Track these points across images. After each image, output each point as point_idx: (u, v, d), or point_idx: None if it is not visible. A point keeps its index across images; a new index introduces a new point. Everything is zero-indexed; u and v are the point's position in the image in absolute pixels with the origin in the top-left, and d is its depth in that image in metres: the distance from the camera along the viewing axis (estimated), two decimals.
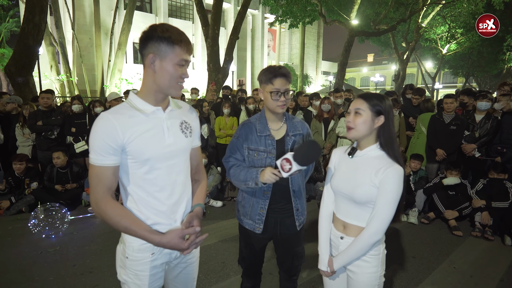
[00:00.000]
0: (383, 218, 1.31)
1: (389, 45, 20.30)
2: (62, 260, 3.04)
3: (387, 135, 1.37)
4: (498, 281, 2.78)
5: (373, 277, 1.40)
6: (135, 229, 1.15)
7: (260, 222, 1.76)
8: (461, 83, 27.85)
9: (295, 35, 28.68)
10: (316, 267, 1.46)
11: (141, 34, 1.16)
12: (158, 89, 1.19)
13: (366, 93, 1.41)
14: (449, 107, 4.29)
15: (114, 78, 13.63)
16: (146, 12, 19.51)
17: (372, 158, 1.38)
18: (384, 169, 1.31)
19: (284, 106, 1.68)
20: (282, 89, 1.63)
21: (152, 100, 1.20)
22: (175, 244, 1.17)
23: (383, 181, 1.30)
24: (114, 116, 1.14)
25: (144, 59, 1.17)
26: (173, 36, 1.13)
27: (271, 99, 1.66)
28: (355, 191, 1.37)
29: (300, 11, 13.87)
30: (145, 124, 1.17)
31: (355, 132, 1.38)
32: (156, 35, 1.12)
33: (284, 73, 1.63)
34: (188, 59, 1.19)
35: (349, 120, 1.39)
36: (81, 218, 4.07)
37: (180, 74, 1.18)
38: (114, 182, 1.17)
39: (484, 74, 23.13)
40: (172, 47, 1.13)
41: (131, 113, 1.17)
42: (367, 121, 1.35)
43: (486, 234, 3.59)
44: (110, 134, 1.11)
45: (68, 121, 4.75)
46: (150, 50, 1.14)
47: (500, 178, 3.86)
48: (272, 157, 1.72)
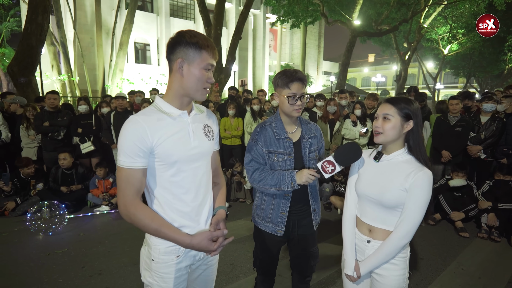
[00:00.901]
0: (413, 221, 1.32)
1: (390, 45, 20.31)
2: (70, 262, 3.05)
3: (416, 139, 1.37)
4: (506, 283, 2.79)
5: (401, 280, 1.41)
6: (166, 231, 1.16)
7: (282, 225, 1.78)
8: (462, 83, 27.88)
9: (296, 35, 28.66)
10: (326, 268, 1.47)
11: (169, 40, 1.20)
12: (185, 93, 1.22)
13: (394, 98, 1.41)
14: (454, 108, 4.29)
15: (116, 78, 13.63)
16: (148, 11, 19.48)
17: (401, 162, 1.38)
18: (415, 173, 1.31)
19: (300, 110, 1.71)
20: (299, 93, 1.66)
21: (178, 104, 1.24)
22: (205, 246, 1.19)
23: (413, 185, 1.30)
24: (143, 118, 1.16)
25: (172, 64, 1.21)
26: (201, 41, 1.17)
27: (287, 103, 1.68)
28: (384, 195, 1.37)
29: (302, 11, 13.87)
30: (172, 127, 1.20)
31: (383, 137, 1.38)
32: (184, 41, 1.16)
33: (300, 77, 1.66)
34: (213, 64, 1.23)
35: (378, 125, 1.39)
36: (84, 218, 4.08)
37: (206, 79, 1.22)
38: (143, 184, 1.19)
39: (485, 75, 23.13)
40: (199, 52, 1.17)
41: (159, 116, 1.19)
42: (397, 126, 1.35)
43: (492, 235, 3.59)
44: (140, 137, 1.13)
45: (75, 122, 4.75)
46: (178, 55, 1.18)
47: (506, 179, 3.86)
48: (291, 159, 1.74)
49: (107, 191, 4.57)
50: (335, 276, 2.82)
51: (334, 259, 3.05)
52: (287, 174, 1.65)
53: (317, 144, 1.83)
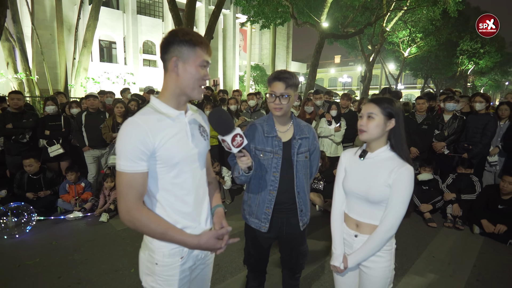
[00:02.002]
0: (397, 215, 1.40)
1: (355, 48, 21.18)
2: (44, 272, 2.87)
3: (397, 136, 1.46)
4: (472, 267, 3.05)
5: (387, 271, 1.50)
6: (173, 234, 1.15)
7: (266, 221, 1.81)
8: (421, 84, 29.78)
9: (265, 36, 28.92)
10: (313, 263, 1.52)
11: (162, 40, 1.18)
12: (181, 92, 1.20)
13: (377, 98, 1.49)
14: (421, 107, 4.61)
15: (80, 77, 12.88)
16: (113, 8, 18.64)
17: (384, 159, 1.47)
18: (397, 169, 1.40)
19: (280, 109, 1.71)
20: (278, 92, 1.68)
21: (175, 104, 1.22)
22: (212, 244, 1.19)
23: (396, 181, 1.39)
24: (143, 120, 1.13)
25: (167, 64, 1.18)
26: (194, 38, 1.16)
27: (268, 101, 1.73)
28: (370, 191, 1.44)
29: (272, 12, 14.05)
30: (172, 128, 1.18)
31: (367, 135, 1.46)
32: (178, 39, 1.15)
33: (281, 77, 1.68)
34: (208, 60, 1.22)
35: (362, 123, 1.46)
36: (55, 226, 3.86)
37: (202, 76, 1.20)
38: (145, 188, 1.16)
39: (440, 76, 24.97)
40: (193, 49, 1.16)
41: (158, 117, 1.17)
42: (380, 124, 1.43)
43: (457, 224, 3.91)
44: (141, 139, 1.10)
45: (41, 124, 4.44)
46: (172, 54, 1.16)
47: (467, 173, 4.22)
48: (278, 157, 1.76)
49: (78, 196, 4.35)
50: (319, 270, 2.92)
51: (316, 254, 3.15)
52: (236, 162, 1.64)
53: (309, 145, 1.85)
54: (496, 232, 3.56)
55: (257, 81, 24.04)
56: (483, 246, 3.48)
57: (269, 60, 25.11)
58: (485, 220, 3.68)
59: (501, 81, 33.86)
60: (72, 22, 15.34)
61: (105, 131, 4.55)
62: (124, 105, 4.77)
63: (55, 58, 14.86)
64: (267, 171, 1.77)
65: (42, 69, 13.55)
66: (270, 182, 1.77)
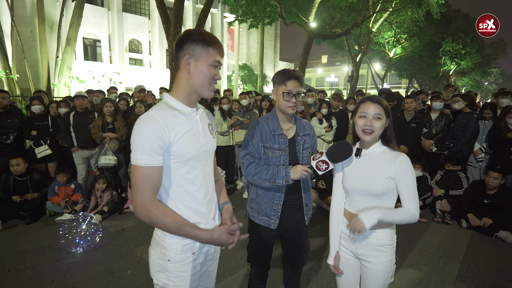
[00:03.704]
0: (415, 199, 1.45)
1: (342, 48, 21.48)
2: (36, 276, 2.78)
3: (390, 132, 1.54)
4: (461, 259, 3.17)
5: (389, 265, 1.53)
6: (187, 229, 1.18)
7: (276, 218, 1.84)
8: (406, 84, 30.47)
9: (253, 35, 28.93)
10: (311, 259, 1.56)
11: (177, 38, 1.22)
12: (193, 90, 1.24)
13: (378, 98, 1.53)
14: (409, 106, 4.72)
15: (63, 76, 12.52)
16: (97, 5, 18.21)
17: (379, 153, 1.52)
18: (395, 160, 1.46)
19: (295, 107, 1.77)
20: (294, 91, 1.72)
21: (186, 101, 1.26)
22: (224, 239, 1.23)
23: (399, 170, 1.44)
24: (159, 114, 1.16)
25: (180, 61, 1.22)
26: (208, 38, 1.20)
27: (283, 100, 1.74)
28: (372, 185, 1.48)
29: (260, 11, 14.06)
30: (186, 125, 1.22)
31: (374, 135, 1.50)
32: (192, 38, 1.19)
33: (297, 76, 1.72)
34: (220, 61, 1.26)
35: (369, 124, 1.48)
36: (45, 229, 3.75)
37: (213, 75, 1.23)
38: (160, 183, 1.18)
39: (424, 76, 25.63)
40: (206, 49, 1.19)
41: (173, 113, 1.20)
42: (384, 124, 1.50)
43: (445, 219, 4.04)
44: (159, 133, 1.12)
45: (28, 124, 4.30)
46: (186, 52, 1.20)
47: (455, 169, 4.36)
48: (285, 155, 1.80)
49: (68, 197, 4.24)
50: (317, 266, 2.96)
51: (313, 250, 3.18)
52: (282, 170, 1.71)
53: (311, 141, 1.91)
54: (482, 225, 3.70)
55: (245, 81, 24.01)
56: (471, 240, 3.61)
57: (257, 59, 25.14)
58: (471, 214, 3.82)
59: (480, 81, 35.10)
60: (55, 19, 14.90)
61: (94, 131, 4.45)
62: (114, 104, 4.68)
63: (37, 56, 14.41)
64: None
65: (23, 68, 13.12)
66: None
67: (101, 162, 4.36)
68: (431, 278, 2.83)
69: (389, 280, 1.57)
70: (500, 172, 3.75)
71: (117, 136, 4.53)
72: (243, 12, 14.09)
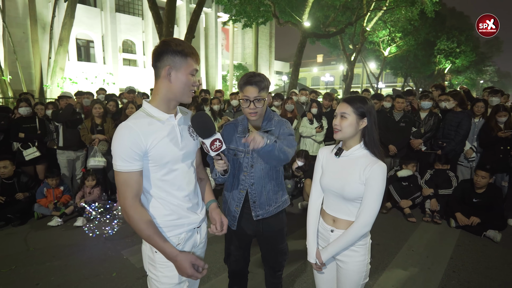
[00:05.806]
0: (371, 211, 1.44)
1: (337, 47, 21.51)
2: (21, 280, 2.76)
3: (370, 135, 1.50)
4: (449, 259, 3.17)
5: (361, 265, 1.54)
6: (157, 240, 1.25)
7: (235, 219, 1.84)
8: (401, 82, 30.59)
9: (248, 35, 28.92)
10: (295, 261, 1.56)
11: (155, 48, 1.29)
12: (173, 97, 1.31)
13: (350, 97, 1.52)
14: (400, 106, 4.73)
15: (56, 77, 12.42)
16: (90, 6, 18.11)
17: (358, 157, 1.51)
18: (370, 167, 1.44)
19: (255, 114, 1.69)
20: (251, 97, 1.65)
21: (165, 108, 1.33)
22: (184, 267, 1.26)
23: (369, 178, 1.43)
24: (135, 123, 1.24)
25: (160, 71, 1.28)
26: (186, 49, 1.27)
27: (242, 106, 1.72)
28: (345, 188, 1.48)
29: (254, 11, 14.03)
30: (162, 131, 1.29)
31: (341, 134, 1.50)
32: (171, 49, 1.25)
33: (254, 81, 1.64)
34: (197, 69, 1.35)
35: (336, 123, 1.50)
36: (32, 231, 3.72)
37: (192, 82, 1.32)
38: (141, 186, 1.27)
39: (419, 75, 25.75)
40: (185, 59, 1.27)
41: (149, 121, 1.28)
42: (353, 123, 1.47)
43: (435, 218, 4.05)
44: (134, 142, 1.21)
45: (15, 126, 4.26)
46: (165, 63, 1.26)
47: (444, 168, 4.38)
48: (249, 157, 1.78)
49: (57, 199, 4.20)
50: (302, 268, 2.96)
51: (298, 253, 3.17)
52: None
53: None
54: (470, 224, 3.71)
55: None
56: (459, 239, 3.62)
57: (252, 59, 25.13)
58: (459, 214, 3.83)
59: (476, 80, 35.32)
60: (47, 20, 14.78)
61: (83, 133, 4.42)
62: (103, 105, 4.65)
63: (29, 58, 14.29)
64: (240, 170, 1.81)
65: (15, 69, 13.01)
66: (241, 181, 1.81)
67: (90, 164, 4.33)
68: (418, 278, 2.83)
69: (364, 280, 1.57)
70: (487, 171, 3.77)
71: (106, 137, 4.50)
72: (237, 12, 14.05)
